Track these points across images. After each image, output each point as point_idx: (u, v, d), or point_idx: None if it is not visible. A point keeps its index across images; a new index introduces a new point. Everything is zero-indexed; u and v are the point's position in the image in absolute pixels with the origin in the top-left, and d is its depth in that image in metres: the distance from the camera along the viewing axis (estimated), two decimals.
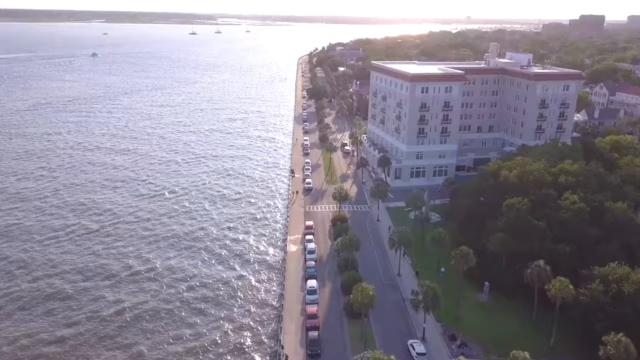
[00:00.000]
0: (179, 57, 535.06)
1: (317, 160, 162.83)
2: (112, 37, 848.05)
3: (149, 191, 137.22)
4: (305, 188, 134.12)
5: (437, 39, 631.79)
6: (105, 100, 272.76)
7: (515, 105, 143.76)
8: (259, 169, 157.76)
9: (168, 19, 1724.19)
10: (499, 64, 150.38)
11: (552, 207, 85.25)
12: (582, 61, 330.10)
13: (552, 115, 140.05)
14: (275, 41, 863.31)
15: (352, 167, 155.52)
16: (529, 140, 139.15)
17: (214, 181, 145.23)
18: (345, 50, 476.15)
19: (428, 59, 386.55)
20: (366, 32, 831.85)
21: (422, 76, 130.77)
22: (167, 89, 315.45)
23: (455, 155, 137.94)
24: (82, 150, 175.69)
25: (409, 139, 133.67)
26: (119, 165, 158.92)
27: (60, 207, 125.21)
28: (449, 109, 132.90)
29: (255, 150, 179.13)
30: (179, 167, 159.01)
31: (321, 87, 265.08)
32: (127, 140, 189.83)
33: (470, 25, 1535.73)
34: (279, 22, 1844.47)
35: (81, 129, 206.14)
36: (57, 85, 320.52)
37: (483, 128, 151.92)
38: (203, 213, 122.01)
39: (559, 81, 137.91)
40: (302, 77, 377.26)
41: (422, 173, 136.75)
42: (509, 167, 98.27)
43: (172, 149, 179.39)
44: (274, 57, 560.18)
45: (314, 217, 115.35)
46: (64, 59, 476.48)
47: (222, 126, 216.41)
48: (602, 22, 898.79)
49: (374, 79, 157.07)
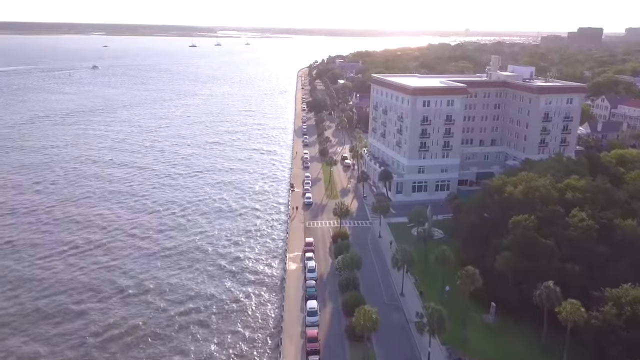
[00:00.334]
0: (178, 70, 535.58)
1: (317, 174, 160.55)
2: (112, 50, 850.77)
3: (146, 206, 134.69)
4: (305, 203, 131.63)
5: (436, 52, 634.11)
6: (104, 113, 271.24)
7: (518, 119, 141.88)
8: (258, 183, 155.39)
9: (168, 32, 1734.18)
10: (501, 77, 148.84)
11: (559, 224, 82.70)
12: (582, 73, 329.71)
13: (556, 129, 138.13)
14: (275, 53, 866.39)
15: (353, 181, 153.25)
16: (533, 154, 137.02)
17: (213, 195, 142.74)
18: (344, 63, 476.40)
19: (428, 71, 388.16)
20: (365, 45, 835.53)
21: (423, 89, 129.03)
22: (166, 102, 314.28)
23: (457, 170, 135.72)
24: (79, 163, 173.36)
25: (411, 152, 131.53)
26: (116, 179, 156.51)
27: (55, 222, 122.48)
28: (451, 123, 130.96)
29: (254, 164, 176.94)
30: (177, 180, 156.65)
31: (321, 99, 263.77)
32: (125, 153, 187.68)
33: (468, 37, 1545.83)
34: (279, 34, 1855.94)
35: (78, 142, 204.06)
36: (56, 98, 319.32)
37: (485, 141, 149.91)
38: (200, 228, 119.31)
39: (563, 94, 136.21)
40: (302, 90, 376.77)
41: (424, 187, 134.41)
42: (514, 183, 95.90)
43: (170, 162, 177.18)
44: (274, 69, 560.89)
45: (314, 233, 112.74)
46: (64, 72, 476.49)
47: (221, 139, 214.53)
48: (601, 34, 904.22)
49: (375, 92, 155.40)
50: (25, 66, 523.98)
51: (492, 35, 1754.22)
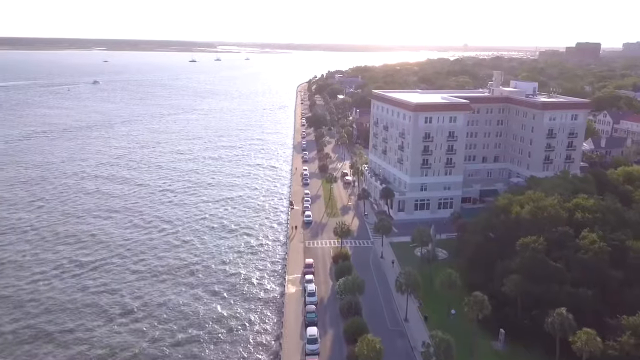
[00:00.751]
0: (178, 85, 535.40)
1: (316, 191, 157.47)
2: (113, 65, 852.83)
3: (143, 222, 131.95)
4: (305, 221, 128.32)
5: (435, 66, 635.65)
6: (102, 128, 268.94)
7: (522, 135, 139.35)
8: (257, 200, 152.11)
9: (168, 47, 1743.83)
10: (504, 93, 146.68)
11: (570, 246, 79.49)
12: (582, 88, 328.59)
13: (560, 146, 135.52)
14: (274, 68, 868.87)
15: (353, 198, 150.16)
16: (537, 171, 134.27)
17: (210, 213, 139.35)
18: (344, 78, 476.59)
19: (427, 86, 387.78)
20: (364, 60, 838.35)
21: (425, 105, 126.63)
22: (165, 117, 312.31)
23: (460, 187, 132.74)
24: (76, 179, 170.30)
25: (413, 170, 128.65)
26: (112, 196, 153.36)
27: (51, 239, 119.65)
28: (454, 140, 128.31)
29: (253, 180, 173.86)
30: (173, 197, 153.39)
31: (320, 115, 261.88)
32: (122, 169, 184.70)
33: (467, 52, 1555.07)
34: (278, 49, 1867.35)
35: (75, 158, 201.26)
36: (54, 113, 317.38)
37: (488, 158, 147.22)
38: (197, 248, 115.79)
39: (567, 110, 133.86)
40: (301, 105, 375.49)
41: (426, 205, 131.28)
42: (521, 202, 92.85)
43: (167, 178, 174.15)
44: (273, 84, 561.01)
45: (314, 254, 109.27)
46: (63, 87, 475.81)
47: (220, 154, 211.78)
48: (598, 49, 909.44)
49: (375, 108, 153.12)
50: (24, 81, 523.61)
51: (490, 50, 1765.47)
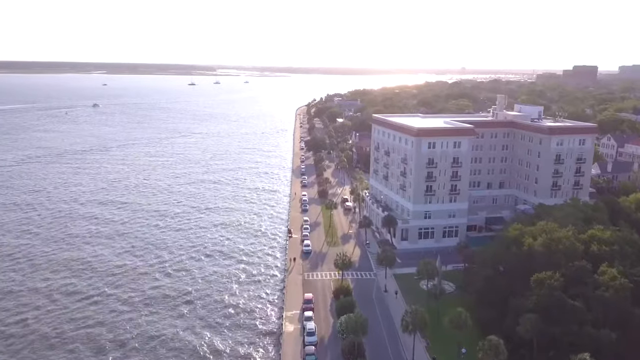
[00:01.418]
0: (176, 108, 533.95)
1: (316, 218, 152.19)
2: (112, 88, 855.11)
3: (138, 248, 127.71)
4: (304, 251, 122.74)
5: (434, 89, 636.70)
6: (98, 152, 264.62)
7: (528, 161, 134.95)
8: (254, 228, 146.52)
9: (168, 70, 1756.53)
10: (508, 117, 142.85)
11: (588, 283, 74.11)
12: (584, 111, 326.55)
13: (568, 172, 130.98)
14: (273, 92, 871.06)
15: (354, 226, 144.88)
16: (545, 197, 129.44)
17: (206, 240, 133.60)
18: (343, 101, 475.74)
19: (427, 109, 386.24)
20: (363, 83, 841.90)
21: (428, 131, 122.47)
22: (162, 140, 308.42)
23: (466, 215, 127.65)
24: (70, 205, 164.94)
25: (416, 197, 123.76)
26: (107, 221, 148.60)
27: (42, 266, 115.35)
28: (458, 166, 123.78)
29: (250, 206, 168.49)
30: (170, 222, 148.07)
31: (320, 139, 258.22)
32: (118, 194, 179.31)
33: (465, 75, 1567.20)
34: (277, 73, 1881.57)
35: (69, 183, 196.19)
36: (51, 137, 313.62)
37: (493, 184, 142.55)
38: (192, 277, 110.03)
39: (574, 135, 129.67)
40: (300, 128, 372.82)
41: (430, 234, 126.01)
42: (533, 234, 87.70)
43: (164, 203, 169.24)
44: (272, 107, 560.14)
45: (313, 287, 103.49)
46: (61, 110, 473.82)
47: (217, 179, 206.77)
48: (596, 72, 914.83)
49: (376, 132, 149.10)
50: (22, 105, 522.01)
51: (488, 73, 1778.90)
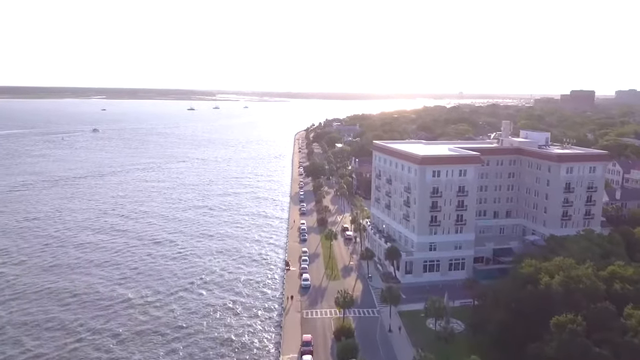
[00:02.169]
0: (175, 133, 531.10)
1: (315, 248, 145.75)
2: (110, 113, 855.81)
3: (129, 278, 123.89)
4: (302, 286, 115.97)
5: (432, 114, 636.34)
6: (93, 179, 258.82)
7: (536, 189, 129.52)
8: (250, 259, 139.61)
9: (167, 95, 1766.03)
10: (514, 144, 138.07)
11: (614, 328, 67.77)
12: (585, 136, 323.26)
13: (579, 201, 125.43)
14: (272, 117, 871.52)
15: (355, 257, 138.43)
16: (555, 228, 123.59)
17: (199, 273, 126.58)
18: (342, 126, 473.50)
19: (427, 134, 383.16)
20: (361, 107, 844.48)
21: (433, 158, 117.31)
22: (159, 166, 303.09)
23: (472, 246, 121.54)
24: (62, 231, 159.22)
25: (420, 228, 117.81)
26: (99, 249, 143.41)
27: (31, 297, 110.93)
28: (464, 195, 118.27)
29: (247, 235, 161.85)
30: (163, 250, 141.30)
31: (319, 164, 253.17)
32: (111, 222, 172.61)
33: (462, 100, 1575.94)
34: (276, 98, 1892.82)
35: (63, 209, 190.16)
36: (46, 163, 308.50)
37: (500, 213, 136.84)
38: (182, 312, 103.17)
39: (585, 162, 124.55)
40: (299, 153, 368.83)
41: (436, 267, 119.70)
42: (549, 271, 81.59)
43: (159, 231, 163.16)
44: (271, 132, 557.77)
45: (312, 326, 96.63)
46: (58, 135, 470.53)
47: (213, 206, 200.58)
48: (593, 96, 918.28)
49: (377, 159, 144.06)
50: (20, 130, 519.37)
51: (485, 97, 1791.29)
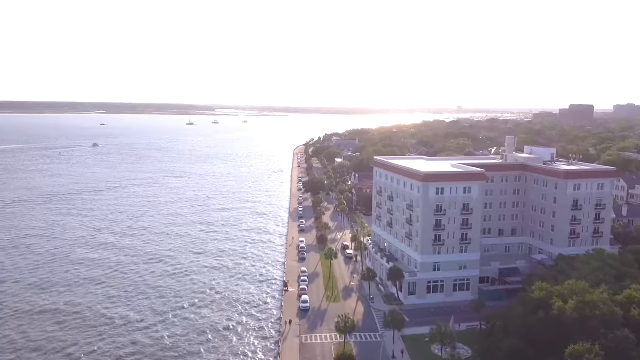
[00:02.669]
0: (173, 148, 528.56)
1: (314, 268, 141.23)
2: (110, 128, 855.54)
3: (125, 296, 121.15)
4: (301, 308, 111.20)
5: (432, 128, 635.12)
6: (89, 195, 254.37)
7: (543, 206, 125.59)
8: (247, 280, 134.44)
9: (167, 110, 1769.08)
10: (519, 160, 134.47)
11: (633, 358, 63.38)
12: (587, 151, 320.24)
13: (587, 218, 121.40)
14: (272, 131, 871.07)
15: (356, 277, 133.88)
16: (562, 246, 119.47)
17: (190, 297, 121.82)
18: (341, 141, 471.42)
19: (427, 149, 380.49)
20: (360, 122, 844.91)
21: (436, 175, 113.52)
22: (157, 182, 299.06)
23: (478, 266, 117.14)
24: (59, 248, 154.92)
25: (424, 247, 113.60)
26: (90, 268, 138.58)
27: (22, 318, 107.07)
28: (469, 213, 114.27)
29: (244, 256, 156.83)
30: (160, 267, 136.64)
31: (318, 180, 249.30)
32: (105, 240, 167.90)
33: (461, 114, 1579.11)
34: (276, 112, 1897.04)
35: (56, 226, 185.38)
36: (42, 179, 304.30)
37: (505, 231, 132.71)
38: (174, 333, 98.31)
39: (593, 179, 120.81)
40: (298, 168, 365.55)
41: (440, 287, 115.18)
42: (561, 295, 77.33)
43: (157, 245, 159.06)
44: (270, 147, 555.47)
45: (312, 352, 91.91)
46: (55, 151, 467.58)
47: (211, 221, 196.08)
48: (592, 111, 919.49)
49: (378, 176, 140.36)
50: (18, 145, 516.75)
51: (484, 112, 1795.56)
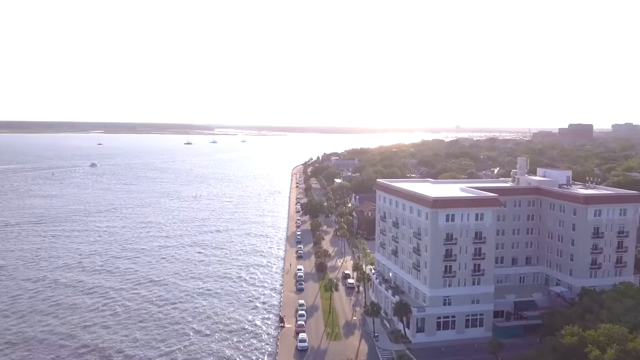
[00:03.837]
0: (171, 168, 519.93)
1: (313, 300, 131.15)
2: (107, 148, 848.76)
3: (114, 322, 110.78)
4: (299, 348, 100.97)
5: (431, 148, 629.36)
6: (80, 218, 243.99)
7: (560, 234, 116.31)
8: (239, 314, 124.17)
9: (165, 130, 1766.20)
10: (532, 183, 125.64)
11: None
12: (592, 171, 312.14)
13: (609, 247, 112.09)
14: (270, 151, 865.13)
15: (358, 310, 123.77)
16: (582, 277, 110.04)
17: (174, 338, 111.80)
18: (340, 161, 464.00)
19: (428, 169, 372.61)
20: (359, 141, 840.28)
21: (446, 201, 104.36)
22: (150, 204, 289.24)
23: (492, 300, 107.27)
24: (37, 284, 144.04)
25: (433, 279, 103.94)
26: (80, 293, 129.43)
27: None
28: (482, 241, 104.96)
29: (238, 286, 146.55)
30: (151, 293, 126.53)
31: (317, 202, 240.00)
32: (93, 271, 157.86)
33: (459, 133, 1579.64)
34: (274, 132, 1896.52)
35: (41, 256, 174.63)
36: (32, 201, 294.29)
37: (519, 260, 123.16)
38: None
39: (614, 204, 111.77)
40: (296, 189, 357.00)
41: (451, 324, 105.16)
42: (596, 341, 67.69)
43: (149, 269, 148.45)
44: (268, 167, 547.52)
45: None
46: (48, 171, 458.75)
47: (204, 244, 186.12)
48: (591, 130, 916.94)
49: (382, 200, 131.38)
50: (11, 165, 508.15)
51: (482, 131, 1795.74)
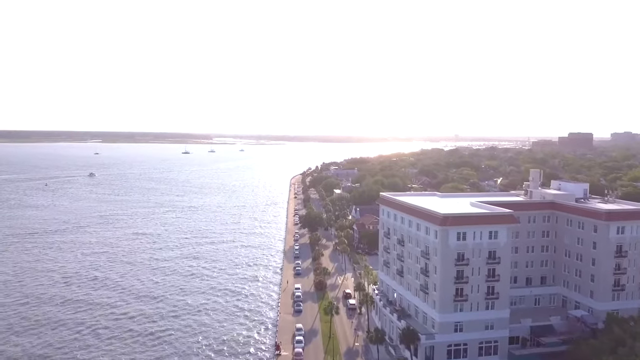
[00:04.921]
0: (168, 178, 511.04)
1: (312, 323, 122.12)
2: (104, 157, 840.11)
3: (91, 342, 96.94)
4: None
5: (431, 157, 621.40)
6: (71, 231, 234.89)
7: (579, 252, 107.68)
8: (232, 339, 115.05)
9: (164, 139, 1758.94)
10: (547, 196, 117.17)
11: None
12: (599, 181, 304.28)
13: (633, 267, 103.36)
14: (268, 160, 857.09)
15: (361, 334, 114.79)
16: (604, 300, 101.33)
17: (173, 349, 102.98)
18: (339, 170, 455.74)
19: (429, 179, 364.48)
20: (358, 151, 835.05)
21: (457, 218, 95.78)
22: (145, 216, 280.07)
23: (507, 325, 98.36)
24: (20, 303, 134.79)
25: (443, 304, 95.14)
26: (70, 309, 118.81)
27: None
28: (496, 262, 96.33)
29: (232, 306, 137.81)
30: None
31: (316, 215, 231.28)
32: (81, 288, 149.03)
33: (459, 142, 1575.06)
34: (273, 141, 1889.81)
35: (25, 273, 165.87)
36: (22, 213, 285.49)
37: (533, 280, 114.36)
38: None
39: (638, 221, 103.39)
40: (295, 199, 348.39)
41: (463, 352, 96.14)
42: None
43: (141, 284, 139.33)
44: (266, 176, 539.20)
45: None
46: (40, 182, 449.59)
47: (198, 258, 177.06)
48: (591, 139, 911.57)
49: (385, 215, 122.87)
50: (4, 175, 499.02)
51: (481, 140, 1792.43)
